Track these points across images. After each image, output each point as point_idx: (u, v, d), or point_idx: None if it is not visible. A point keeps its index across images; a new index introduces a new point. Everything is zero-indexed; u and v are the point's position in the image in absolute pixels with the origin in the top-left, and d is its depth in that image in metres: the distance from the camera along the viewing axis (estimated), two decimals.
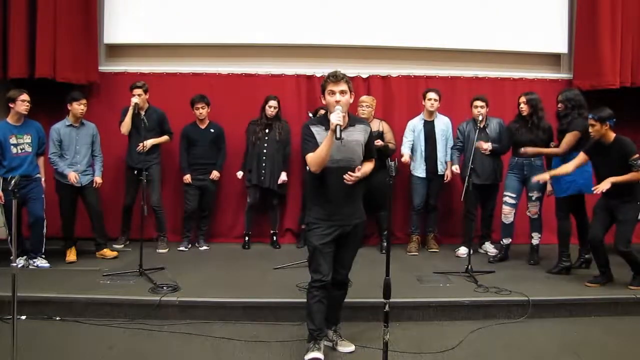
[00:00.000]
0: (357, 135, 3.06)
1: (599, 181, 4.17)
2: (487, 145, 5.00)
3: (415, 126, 5.47)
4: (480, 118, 5.02)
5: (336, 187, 3.00)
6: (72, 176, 4.83)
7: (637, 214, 4.18)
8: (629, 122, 5.31)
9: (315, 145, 2.98)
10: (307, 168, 3.09)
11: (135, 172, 5.12)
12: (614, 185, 4.03)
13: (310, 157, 2.97)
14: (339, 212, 3.03)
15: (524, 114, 4.88)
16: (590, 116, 4.16)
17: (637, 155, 4.03)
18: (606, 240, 4.27)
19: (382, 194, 5.25)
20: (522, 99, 4.89)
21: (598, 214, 4.28)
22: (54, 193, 5.03)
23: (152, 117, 5.31)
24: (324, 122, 3.04)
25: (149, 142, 5.23)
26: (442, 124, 5.45)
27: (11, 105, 4.61)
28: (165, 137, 5.46)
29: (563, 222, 4.67)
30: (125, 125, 5.24)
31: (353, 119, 3.14)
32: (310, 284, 3.08)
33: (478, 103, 5.17)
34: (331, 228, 3.03)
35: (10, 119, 4.64)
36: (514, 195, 5.02)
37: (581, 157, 4.31)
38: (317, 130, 3.03)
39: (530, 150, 4.72)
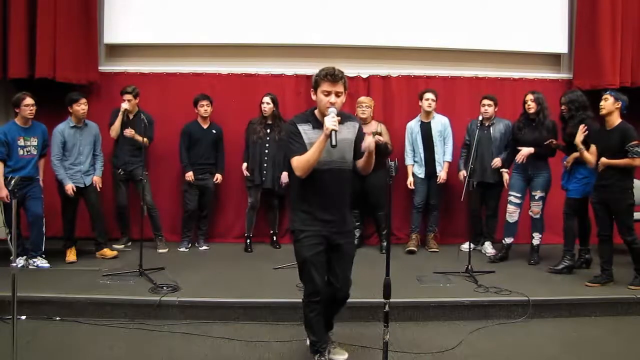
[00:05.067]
0: (345, 133, 2.84)
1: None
2: (496, 162, 5.10)
3: (412, 129, 5.48)
4: (486, 116, 5.05)
5: (326, 191, 2.81)
6: (69, 188, 4.83)
7: (629, 201, 4.17)
8: (628, 122, 5.29)
9: (302, 147, 2.75)
10: (292, 171, 2.85)
11: (120, 171, 5.15)
12: (603, 174, 4.13)
13: (297, 161, 2.73)
14: (329, 218, 2.84)
15: (531, 111, 4.85)
16: (607, 92, 4.18)
17: (636, 142, 4.04)
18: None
19: (379, 194, 5.27)
20: (530, 96, 4.86)
21: (598, 210, 4.30)
22: (54, 194, 5.03)
23: (140, 121, 5.28)
24: (312, 119, 2.83)
25: (130, 132, 5.18)
26: (439, 124, 5.44)
27: (16, 110, 4.63)
28: (145, 140, 5.22)
29: (570, 220, 4.66)
30: (115, 130, 5.25)
31: (341, 115, 2.82)
32: (307, 298, 2.92)
33: (485, 102, 5.18)
34: (320, 236, 2.83)
35: (18, 121, 4.67)
36: (518, 195, 5.01)
37: (593, 147, 4.31)
38: (305, 129, 2.80)
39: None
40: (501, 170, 5.12)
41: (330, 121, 2.62)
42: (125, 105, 5.18)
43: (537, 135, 4.83)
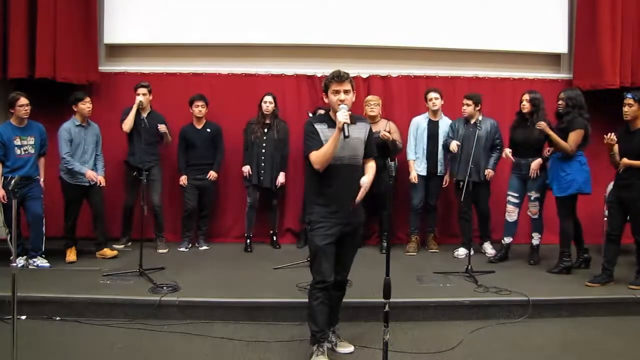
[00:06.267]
0: (357, 132, 3.06)
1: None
2: (490, 174, 5.13)
3: (419, 124, 5.48)
4: (464, 115, 5.08)
5: (340, 184, 3.01)
6: (91, 174, 4.86)
7: None
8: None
9: (319, 143, 2.98)
10: (308, 166, 3.06)
11: (135, 172, 5.14)
12: (623, 174, 4.10)
13: (315, 155, 2.97)
14: (342, 210, 3.01)
15: (525, 111, 4.85)
16: (629, 95, 4.14)
17: None
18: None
19: (384, 194, 5.26)
20: (526, 96, 4.86)
21: (613, 208, 4.29)
22: (54, 193, 5.03)
23: (153, 120, 5.31)
24: (327, 120, 3.07)
25: (163, 127, 5.35)
26: (446, 125, 5.44)
27: (11, 111, 4.64)
28: (169, 137, 5.48)
29: (565, 221, 4.64)
30: (128, 123, 5.23)
31: (353, 117, 3.13)
32: (313, 285, 3.06)
33: (464, 101, 5.17)
34: (334, 227, 3.02)
35: (14, 121, 4.67)
36: (516, 195, 5.01)
37: (615, 146, 4.24)
38: (321, 128, 3.02)
39: (544, 125, 4.57)
40: (504, 155, 5.00)
41: (342, 115, 2.89)
42: (140, 98, 5.19)
43: (528, 135, 4.83)
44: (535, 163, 4.81)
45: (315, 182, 3.07)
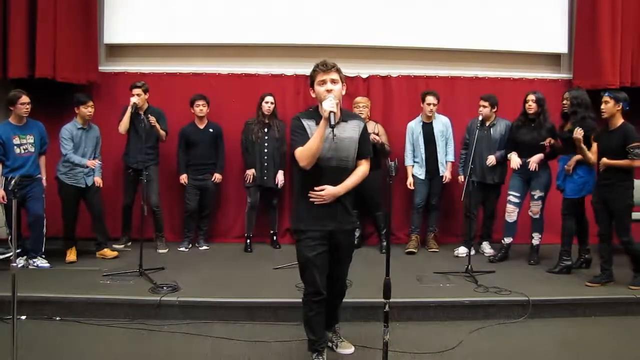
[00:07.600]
0: (350, 131, 2.87)
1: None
2: (491, 159, 5.12)
3: (413, 129, 5.48)
4: (480, 117, 5.03)
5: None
6: (91, 163, 4.87)
7: (629, 201, 4.18)
8: (629, 121, 5.29)
9: (306, 139, 2.77)
10: (295, 166, 2.89)
11: (131, 171, 5.14)
12: (604, 173, 4.16)
13: (300, 151, 2.75)
14: (330, 217, 2.86)
15: (531, 111, 4.85)
16: (606, 94, 4.18)
17: (636, 144, 4.05)
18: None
19: (377, 194, 5.28)
20: (531, 97, 4.85)
21: (598, 209, 4.30)
22: (54, 193, 5.03)
23: (147, 118, 5.30)
24: (316, 116, 2.83)
25: (153, 119, 5.20)
26: (441, 124, 5.44)
27: (11, 108, 4.63)
28: (162, 132, 5.37)
29: (568, 221, 4.64)
30: (123, 125, 5.23)
31: (346, 114, 2.94)
32: (307, 296, 2.92)
33: (481, 102, 5.17)
34: (322, 237, 2.85)
35: (12, 120, 4.66)
36: (517, 195, 5.01)
37: (594, 145, 4.36)
38: (309, 124, 2.82)
39: (580, 136, 4.40)
40: (508, 157, 5.02)
41: (328, 103, 2.68)
42: (134, 100, 5.17)
43: (535, 136, 4.83)
44: (537, 157, 4.81)
45: (303, 185, 2.87)
